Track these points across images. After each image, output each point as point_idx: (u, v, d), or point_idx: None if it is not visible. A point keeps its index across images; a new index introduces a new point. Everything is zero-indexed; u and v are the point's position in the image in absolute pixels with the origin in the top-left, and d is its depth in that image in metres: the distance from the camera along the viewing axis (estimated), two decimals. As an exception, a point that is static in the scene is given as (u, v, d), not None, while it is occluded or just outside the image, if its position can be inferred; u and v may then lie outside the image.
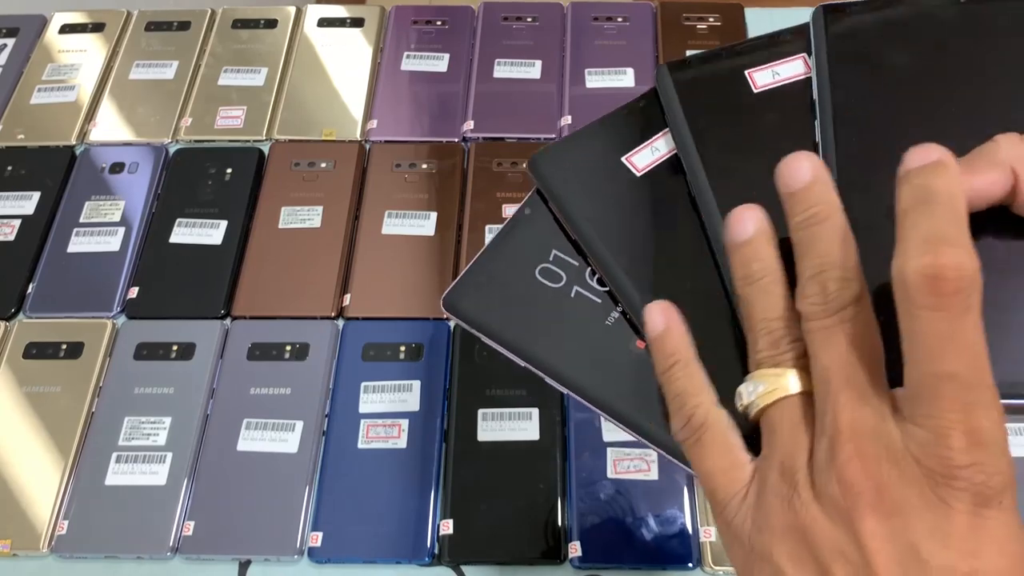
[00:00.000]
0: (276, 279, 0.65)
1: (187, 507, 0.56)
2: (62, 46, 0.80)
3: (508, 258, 0.35)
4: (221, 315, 0.64)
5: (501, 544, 0.54)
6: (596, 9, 0.79)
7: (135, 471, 0.57)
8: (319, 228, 0.67)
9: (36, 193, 0.70)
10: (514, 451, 0.56)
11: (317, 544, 0.54)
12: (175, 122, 0.74)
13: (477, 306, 0.35)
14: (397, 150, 0.71)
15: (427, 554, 0.53)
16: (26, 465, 0.58)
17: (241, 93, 0.75)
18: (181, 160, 0.72)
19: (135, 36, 0.80)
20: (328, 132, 0.72)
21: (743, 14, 0.78)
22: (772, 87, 0.36)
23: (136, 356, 0.62)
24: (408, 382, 0.59)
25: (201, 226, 0.67)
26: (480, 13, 0.80)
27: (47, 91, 0.76)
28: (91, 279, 0.66)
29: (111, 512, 0.56)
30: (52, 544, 0.55)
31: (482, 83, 0.75)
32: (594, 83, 0.74)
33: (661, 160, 0.36)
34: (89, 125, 0.74)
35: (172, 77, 0.77)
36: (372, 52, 0.77)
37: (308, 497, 0.56)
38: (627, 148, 0.36)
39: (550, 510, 0.54)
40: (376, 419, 0.58)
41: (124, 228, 0.68)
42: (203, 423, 0.59)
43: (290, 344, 0.62)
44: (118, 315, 0.65)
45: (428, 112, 0.74)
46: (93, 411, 0.60)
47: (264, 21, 0.80)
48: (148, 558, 0.55)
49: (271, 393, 0.60)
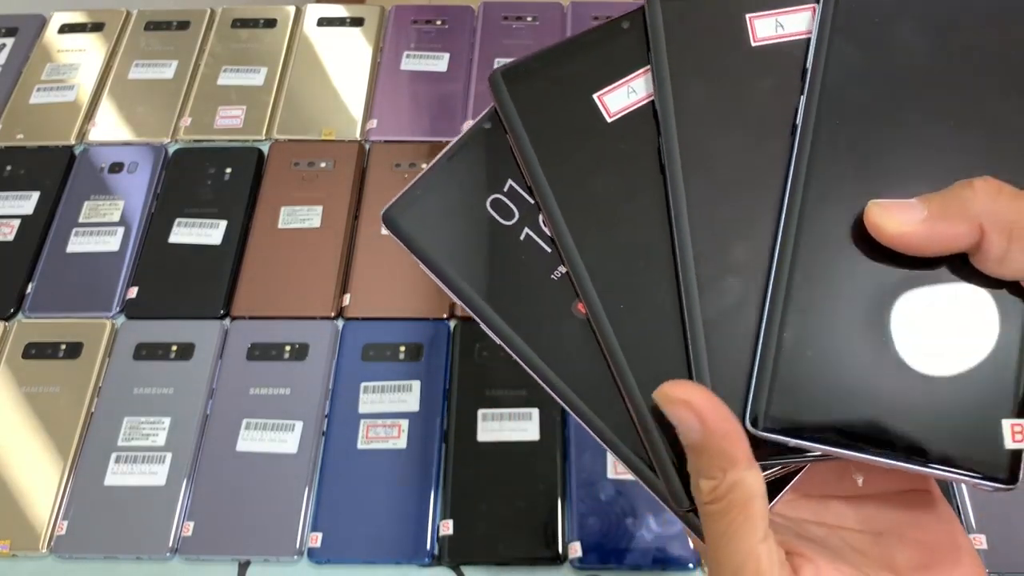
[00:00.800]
0: (276, 279, 0.65)
1: (186, 507, 0.56)
2: (61, 46, 0.80)
3: (460, 177, 0.32)
4: (220, 315, 0.63)
5: (501, 545, 0.53)
6: (596, 9, 0.79)
7: (134, 471, 0.57)
8: (319, 228, 0.67)
9: (35, 193, 0.70)
10: (514, 451, 0.56)
11: (317, 545, 0.54)
12: (174, 122, 0.74)
13: (419, 227, 0.32)
14: (397, 150, 0.71)
15: (427, 555, 0.53)
16: (25, 465, 0.58)
17: (240, 93, 0.75)
18: (180, 160, 0.72)
19: (134, 36, 0.80)
20: (328, 132, 0.72)
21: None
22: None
23: (135, 356, 0.62)
24: (408, 382, 0.59)
25: (200, 226, 0.67)
26: (480, 13, 0.80)
27: (46, 91, 0.76)
28: (90, 279, 0.66)
29: (110, 512, 0.56)
30: (51, 544, 0.55)
31: (482, 83, 0.75)
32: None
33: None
34: (88, 125, 0.74)
35: (171, 77, 0.76)
36: (372, 52, 0.77)
37: (308, 497, 0.56)
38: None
39: (550, 511, 0.54)
40: (376, 419, 0.58)
41: (123, 228, 0.68)
42: (202, 423, 0.59)
43: (290, 344, 0.61)
44: (117, 315, 0.65)
45: (428, 112, 0.74)
46: (92, 411, 0.60)
47: (264, 21, 0.80)
48: (147, 558, 0.55)
49: (271, 393, 0.60)
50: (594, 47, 0.32)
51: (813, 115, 0.29)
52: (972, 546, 0.27)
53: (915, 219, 0.25)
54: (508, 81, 0.32)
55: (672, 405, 0.25)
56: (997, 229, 0.24)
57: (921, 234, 0.24)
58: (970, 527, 0.53)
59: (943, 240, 0.24)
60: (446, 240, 0.31)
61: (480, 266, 0.31)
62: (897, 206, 0.25)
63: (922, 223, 0.24)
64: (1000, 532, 0.52)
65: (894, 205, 0.25)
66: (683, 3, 0.32)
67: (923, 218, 0.24)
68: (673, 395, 0.25)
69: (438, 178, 0.32)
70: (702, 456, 0.25)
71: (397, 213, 0.32)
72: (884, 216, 0.25)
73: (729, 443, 0.24)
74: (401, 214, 0.32)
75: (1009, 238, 0.24)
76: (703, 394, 0.25)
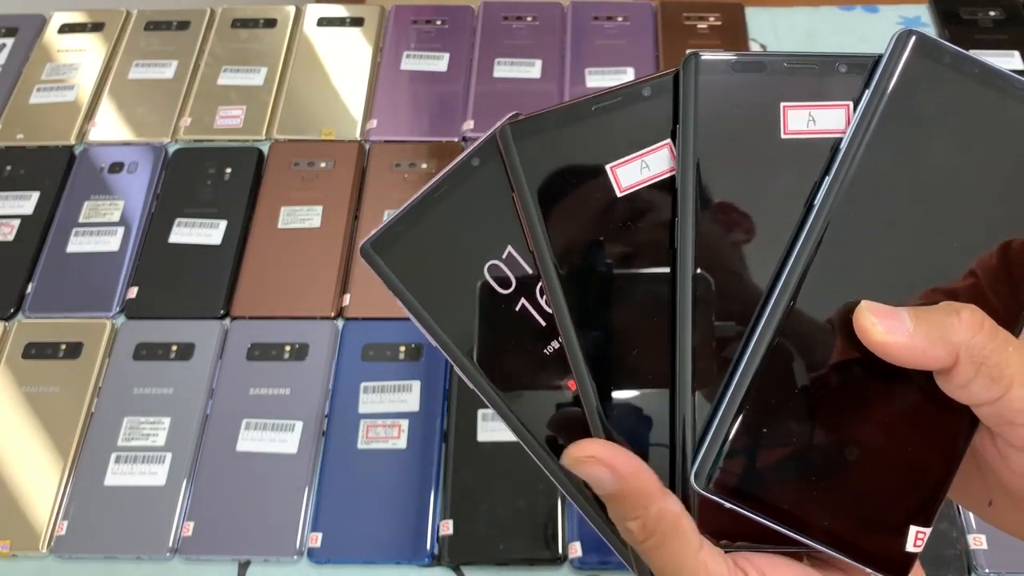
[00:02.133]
0: (276, 279, 0.65)
1: (186, 507, 0.56)
2: (61, 46, 0.80)
3: (449, 222, 0.31)
4: (220, 315, 0.63)
5: (501, 545, 0.53)
6: (596, 9, 0.79)
7: (134, 471, 0.57)
8: (319, 228, 0.67)
9: (35, 193, 0.70)
10: (514, 451, 0.56)
11: (316, 545, 0.54)
12: (174, 122, 0.74)
13: (401, 267, 0.31)
14: (397, 150, 0.71)
15: (427, 555, 0.53)
16: (25, 465, 0.58)
17: (240, 93, 0.75)
18: (180, 160, 0.72)
19: (134, 36, 0.80)
20: (328, 132, 0.72)
21: (743, 14, 0.78)
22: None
23: (135, 356, 0.62)
24: (408, 382, 0.59)
25: (200, 226, 0.67)
26: (480, 13, 0.80)
27: (46, 91, 0.76)
28: (90, 279, 0.66)
29: (110, 513, 0.56)
30: (51, 545, 0.55)
31: (482, 83, 0.75)
32: (594, 82, 0.74)
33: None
34: (88, 125, 0.74)
35: (171, 77, 0.76)
36: (372, 52, 0.77)
37: (307, 498, 0.56)
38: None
39: (550, 511, 0.54)
40: (376, 419, 0.58)
41: (123, 228, 0.68)
42: (202, 423, 0.59)
43: (290, 344, 0.61)
44: (117, 315, 0.64)
45: (428, 112, 0.74)
46: (92, 411, 0.60)
47: (263, 20, 0.80)
48: (147, 559, 0.55)
49: (270, 393, 0.59)
50: (612, 112, 0.31)
51: (830, 203, 0.28)
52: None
53: (901, 332, 0.26)
54: (517, 137, 0.30)
55: (581, 465, 0.26)
56: (970, 360, 0.25)
57: (903, 348, 0.26)
58: (970, 527, 0.53)
59: (922, 359, 0.26)
60: (431, 288, 0.31)
61: (466, 324, 0.30)
62: (887, 315, 0.26)
63: (907, 338, 0.26)
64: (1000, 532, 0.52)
65: (884, 313, 0.26)
66: (719, 79, 0.30)
67: (909, 333, 0.26)
68: (580, 455, 0.26)
69: (424, 216, 0.31)
70: (622, 501, 0.26)
71: (377, 249, 0.31)
72: (873, 323, 0.26)
73: (641, 480, 0.26)
74: (382, 250, 0.31)
75: (977, 371, 0.25)
76: (604, 446, 0.27)
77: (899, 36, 0.29)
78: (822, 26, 0.78)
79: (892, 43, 0.29)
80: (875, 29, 0.78)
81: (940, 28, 0.77)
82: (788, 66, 0.30)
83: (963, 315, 0.26)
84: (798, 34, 0.77)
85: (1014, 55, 0.74)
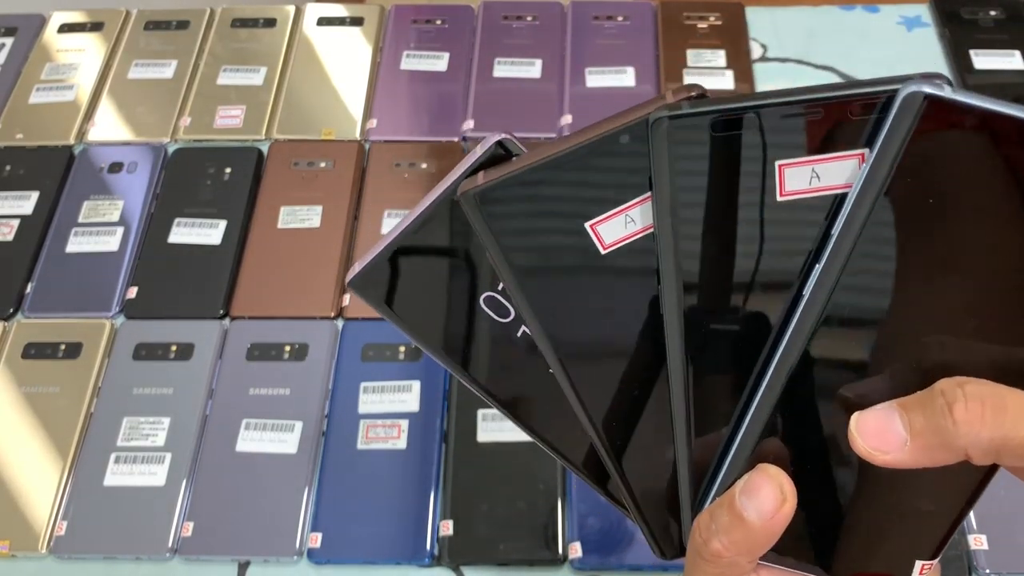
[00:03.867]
0: (275, 279, 0.65)
1: (186, 508, 0.56)
2: (61, 45, 0.80)
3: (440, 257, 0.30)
4: (220, 315, 0.63)
5: (501, 545, 0.53)
6: (596, 8, 0.79)
7: (134, 472, 0.57)
8: (318, 228, 0.67)
9: (35, 193, 0.70)
10: (514, 451, 0.56)
11: (316, 545, 0.54)
12: (174, 121, 0.74)
13: (394, 300, 0.30)
14: (397, 150, 0.71)
15: (427, 555, 0.53)
16: (24, 466, 0.58)
17: (240, 92, 0.75)
18: (180, 160, 0.71)
19: (134, 35, 0.80)
20: (327, 132, 0.72)
21: (743, 13, 0.78)
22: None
23: (135, 356, 0.62)
24: (408, 382, 0.59)
25: (200, 226, 0.67)
26: (480, 12, 0.80)
27: (46, 90, 0.76)
28: (90, 279, 0.66)
29: (110, 513, 0.56)
30: (51, 545, 0.55)
31: (482, 82, 0.75)
32: (594, 82, 0.74)
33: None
34: (88, 125, 0.74)
35: (171, 76, 0.76)
36: (372, 51, 0.77)
37: (307, 498, 0.56)
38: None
39: (550, 511, 0.54)
40: (376, 420, 0.58)
41: (123, 228, 0.68)
42: (202, 424, 0.59)
43: (289, 344, 0.61)
44: (117, 315, 0.64)
45: (428, 111, 0.74)
46: (92, 411, 0.60)
47: (263, 20, 0.80)
48: (147, 559, 0.55)
49: (270, 394, 0.59)
50: (586, 163, 0.27)
51: (824, 289, 0.26)
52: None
53: (896, 446, 0.24)
54: (484, 203, 0.28)
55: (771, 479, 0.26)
56: (983, 454, 0.24)
57: (906, 464, 0.25)
58: (971, 527, 0.53)
59: (931, 464, 0.24)
60: (427, 318, 0.31)
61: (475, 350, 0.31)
62: (878, 425, 0.25)
63: (907, 456, 0.24)
64: (1001, 532, 0.52)
65: (875, 424, 0.25)
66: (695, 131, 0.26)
67: (905, 447, 0.24)
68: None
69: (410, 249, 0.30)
70: (752, 531, 0.26)
71: (365, 284, 0.30)
72: (865, 439, 0.25)
73: (779, 530, 0.26)
74: (370, 285, 0.30)
75: (998, 456, 0.24)
76: (789, 481, 0.26)
77: (905, 98, 0.24)
78: (822, 26, 0.78)
79: (898, 104, 0.25)
80: (875, 29, 0.78)
81: (940, 28, 0.77)
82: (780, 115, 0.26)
83: (957, 416, 0.23)
84: (798, 34, 0.77)
85: (1014, 55, 0.74)
